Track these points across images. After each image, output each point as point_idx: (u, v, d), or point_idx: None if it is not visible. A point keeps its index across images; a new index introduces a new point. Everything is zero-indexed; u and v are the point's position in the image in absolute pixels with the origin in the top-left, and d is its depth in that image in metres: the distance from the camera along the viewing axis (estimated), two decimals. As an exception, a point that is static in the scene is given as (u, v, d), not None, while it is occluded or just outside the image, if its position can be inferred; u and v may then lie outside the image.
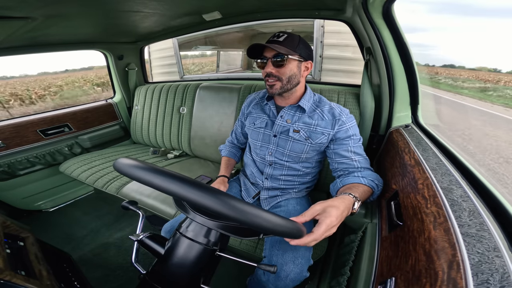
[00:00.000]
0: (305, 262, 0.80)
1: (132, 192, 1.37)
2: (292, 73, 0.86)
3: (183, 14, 1.30)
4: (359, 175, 0.82)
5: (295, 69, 0.86)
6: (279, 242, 0.83)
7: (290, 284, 0.79)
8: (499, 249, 0.38)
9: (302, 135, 0.92)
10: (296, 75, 0.87)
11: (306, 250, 0.82)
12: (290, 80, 0.87)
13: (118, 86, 2.13)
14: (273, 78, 0.86)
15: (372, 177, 0.81)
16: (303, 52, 0.85)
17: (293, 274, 0.77)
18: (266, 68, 0.86)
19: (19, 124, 1.61)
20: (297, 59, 0.85)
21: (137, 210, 0.65)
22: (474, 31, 23.51)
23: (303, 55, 0.85)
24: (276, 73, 0.85)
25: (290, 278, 0.77)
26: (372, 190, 0.79)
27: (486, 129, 1.03)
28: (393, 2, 0.87)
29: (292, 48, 0.83)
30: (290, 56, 0.82)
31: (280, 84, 0.87)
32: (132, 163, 0.47)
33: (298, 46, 0.84)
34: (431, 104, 1.91)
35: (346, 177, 0.84)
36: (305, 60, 0.87)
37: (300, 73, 0.88)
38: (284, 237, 0.51)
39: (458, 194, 0.52)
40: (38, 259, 0.76)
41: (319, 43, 2.23)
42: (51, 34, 1.31)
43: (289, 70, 0.85)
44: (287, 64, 0.84)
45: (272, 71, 0.85)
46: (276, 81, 0.86)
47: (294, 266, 0.78)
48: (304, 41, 0.86)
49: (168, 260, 0.54)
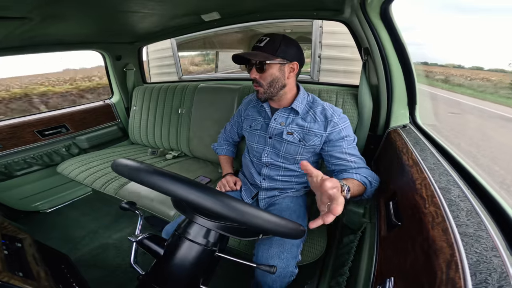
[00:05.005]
0: (291, 257, 0.80)
1: (131, 193, 1.36)
2: (273, 78, 0.86)
3: (181, 14, 1.29)
4: (353, 172, 0.83)
5: (277, 73, 0.86)
6: (266, 237, 0.83)
7: (277, 279, 0.79)
8: (497, 248, 0.38)
9: (296, 137, 0.92)
10: (279, 78, 0.87)
11: (293, 246, 0.82)
12: (272, 85, 0.87)
13: (116, 86, 2.12)
14: (257, 84, 0.88)
15: (365, 174, 0.82)
16: (286, 54, 0.84)
17: (279, 268, 0.78)
18: (251, 74, 0.87)
19: (16, 124, 1.59)
20: (277, 62, 0.84)
21: (136, 211, 0.65)
22: (460, 30, 24.01)
23: (287, 57, 0.84)
24: (258, 78, 0.86)
25: (276, 273, 0.77)
26: (365, 186, 0.79)
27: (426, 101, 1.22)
28: (390, 2, 0.88)
29: (272, 52, 0.82)
30: (268, 61, 0.83)
31: (262, 90, 0.88)
32: (130, 164, 0.47)
33: (280, 49, 0.83)
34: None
35: (341, 174, 0.85)
36: (290, 61, 0.86)
37: (285, 76, 0.87)
38: (283, 237, 0.51)
39: (456, 194, 0.52)
40: (36, 260, 0.75)
41: (318, 43, 2.23)
42: (48, 34, 1.30)
43: (269, 75, 0.85)
44: (267, 69, 0.84)
45: (256, 76, 0.86)
46: (259, 86, 0.88)
47: (279, 260, 0.78)
48: (287, 42, 0.85)
49: (167, 261, 0.54)
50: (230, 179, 1.15)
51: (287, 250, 0.80)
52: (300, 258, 0.84)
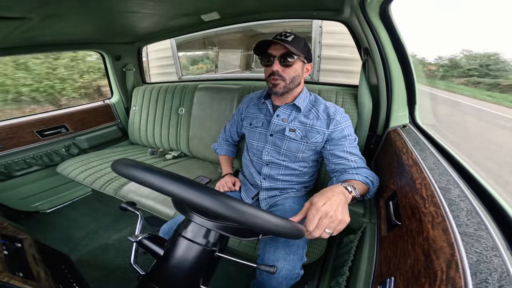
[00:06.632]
0: (298, 259, 0.80)
1: (131, 193, 1.36)
2: (296, 74, 0.87)
3: (181, 14, 1.29)
4: (354, 173, 0.83)
5: (299, 70, 0.87)
6: (272, 240, 0.83)
7: (284, 282, 0.78)
8: (497, 248, 0.38)
9: (298, 134, 0.92)
10: (300, 76, 0.89)
11: (299, 248, 0.82)
12: (293, 81, 0.87)
13: (116, 86, 2.12)
14: (278, 77, 0.86)
15: (366, 174, 0.82)
16: (308, 54, 0.87)
17: (285, 270, 0.77)
18: (273, 67, 0.85)
19: (15, 125, 1.59)
20: (302, 60, 0.86)
21: (136, 211, 0.65)
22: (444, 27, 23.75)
23: (308, 57, 0.87)
24: (281, 72, 0.85)
25: (282, 275, 0.77)
26: (367, 186, 0.80)
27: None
28: (390, 2, 0.87)
29: (299, 49, 0.83)
30: (298, 56, 0.84)
31: (284, 84, 0.87)
32: (130, 164, 0.47)
33: (304, 48, 0.85)
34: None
35: (342, 175, 0.85)
36: (308, 62, 0.89)
37: (302, 74, 0.90)
38: (283, 237, 0.51)
39: (456, 193, 0.52)
40: (36, 261, 0.75)
41: (317, 43, 2.23)
42: (48, 34, 1.30)
43: (294, 70, 0.86)
44: (293, 65, 0.85)
45: (279, 69, 0.85)
46: (281, 80, 0.86)
47: (286, 262, 0.78)
48: (306, 43, 0.87)
49: (167, 261, 0.54)
50: (229, 180, 1.15)
51: (293, 252, 0.80)
52: (305, 260, 0.83)
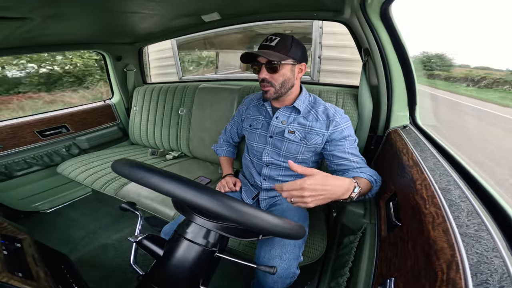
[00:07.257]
0: (293, 258, 0.80)
1: (131, 193, 1.36)
2: (285, 78, 0.85)
3: (182, 15, 1.30)
4: (358, 171, 0.83)
5: (289, 73, 0.85)
6: (268, 238, 0.83)
7: (279, 280, 0.79)
8: (498, 249, 0.38)
9: (297, 135, 0.92)
10: (290, 79, 0.86)
11: (295, 247, 0.82)
12: (283, 85, 0.86)
13: (117, 87, 2.13)
14: (267, 84, 0.86)
15: (370, 173, 0.82)
16: (296, 54, 0.84)
17: (280, 269, 0.77)
18: (260, 74, 0.85)
19: (16, 125, 1.60)
20: (290, 63, 0.84)
21: (136, 212, 0.65)
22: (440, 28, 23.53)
23: (297, 57, 0.84)
24: (269, 78, 0.85)
25: (277, 274, 0.77)
26: (371, 184, 0.79)
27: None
28: (390, 3, 0.87)
29: (285, 52, 0.82)
30: (282, 62, 0.82)
31: (274, 90, 0.86)
32: (130, 164, 0.47)
33: (291, 49, 0.82)
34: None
35: (346, 174, 0.85)
36: (299, 62, 0.86)
37: (294, 76, 0.88)
38: (283, 237, 0.51)
39: (456, 194, 0.52)
40: (36, 261, 0.75)
41: (318, 44, 2.23)
42: (49, 34, 1.30)
43: (282, 75, 0.84)
44: (280, 70, 0.83)
45: (266, 76, 0.84)
46: (270, 86, 0.86)
47: (281, 261, 0.78)
48: (297, 42, 0.85)
49: (167, 262, 0.54)
50: (230, 180, 1.15)
51: (289, 251, 0.80)
52: (302, 259, 0.84)
